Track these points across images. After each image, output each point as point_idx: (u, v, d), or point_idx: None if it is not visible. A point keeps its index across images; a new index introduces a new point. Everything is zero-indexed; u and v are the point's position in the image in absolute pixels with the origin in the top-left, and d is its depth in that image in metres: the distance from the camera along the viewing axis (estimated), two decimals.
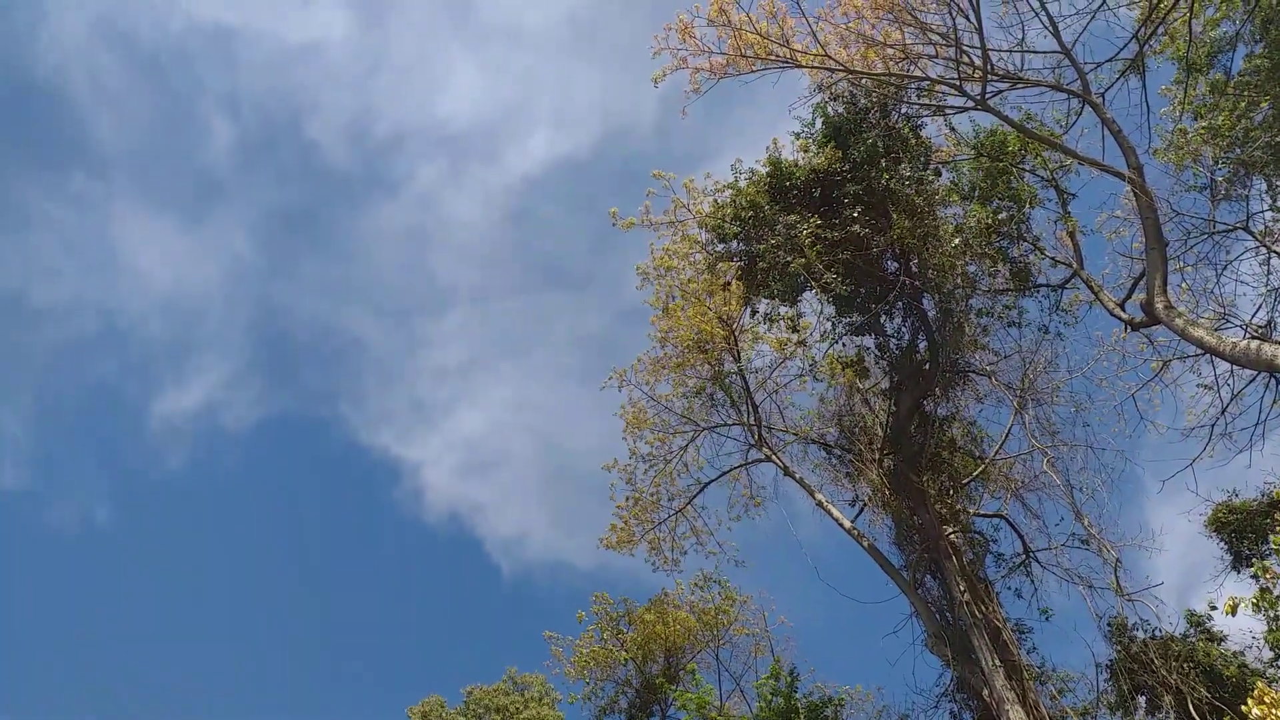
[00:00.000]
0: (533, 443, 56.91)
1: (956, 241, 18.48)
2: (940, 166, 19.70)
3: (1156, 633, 18.27)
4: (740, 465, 20.17)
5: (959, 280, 18.61)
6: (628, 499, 19.46)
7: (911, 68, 16.81)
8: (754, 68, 15.22)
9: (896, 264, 19.06)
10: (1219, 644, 18.27)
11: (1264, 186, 18.07)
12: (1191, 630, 18.61)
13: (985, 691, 16.62)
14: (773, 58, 15.37)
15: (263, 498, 56.09)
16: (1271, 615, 16.74)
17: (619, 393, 19.56)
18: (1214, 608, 18.42)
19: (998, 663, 16.88)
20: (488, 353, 62.73)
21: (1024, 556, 19.68)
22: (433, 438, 58.71)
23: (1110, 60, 16.53)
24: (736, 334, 18.85)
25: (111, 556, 51.70)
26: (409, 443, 58.96)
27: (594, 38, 63.13)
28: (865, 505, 19.96)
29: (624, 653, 21.39)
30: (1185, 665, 17.58)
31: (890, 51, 16.35)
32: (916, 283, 18.65)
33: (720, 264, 18.25)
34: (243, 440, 56.67)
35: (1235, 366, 17.76)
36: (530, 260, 64.60)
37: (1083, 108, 17.20)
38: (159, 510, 54.44)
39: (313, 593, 53.21)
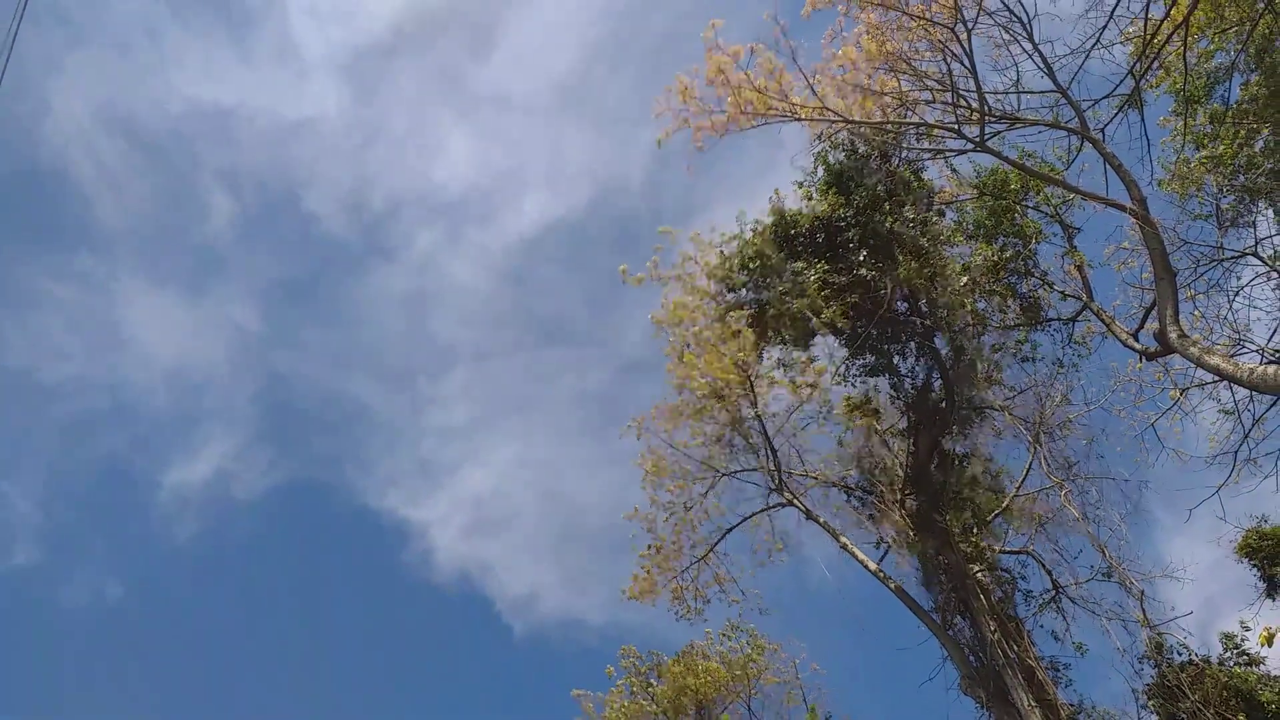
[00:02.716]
0: (539, 500, 57.17)
1: (964, 280, 18.64)
2: (944, 207, 19.92)
3: (1191, 659, 18.01)
4: (762, 510, 20.16)
5: (969, 318, 18.73)
6: (650, 547, 19.48)
7: (909, 114, 17.11)
8: (754, 123, 15.58)
9: (906, 304, 19.20)
10: (1256, 668, 17.95)
11: (1270, 213, 18.12)
12: (1229, 655, 18.32)
13: None
14: (772, 112, 15.73)
15: (273, 565, 56.48)
16: None
17: (637, 441, 19.70)
18: (1247, 629, 18.17)
19: (1033, 702, 16.67)
20: (491, 412, 63.38)
21: (1053, 592, 19.49)
22: (440, 498, 59.06)
23: (1107, 96, 16.73)
24: (752, 380, 18.99)
25: (123, 631, 52.11)
26: (417, 504, 59.32)
27: (581, 102, 64.82)
28: (890, 547, 19.87)
29: (655, 707, 21.22)
30: (1224, 692, 17.29)
31: (887, 99, 16.68)
32: (927, 322, 18.78)
33: (731, 313, 18.47)
34: (251, 509, 57.27)
35: (1254, 392, 17.69)
36: (529, 319, 65.52)
37: (1082, 144, 17.41)
38: (170, 583, 54.96)
39: (326, 658, 53.16)
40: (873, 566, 18.89)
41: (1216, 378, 17.53)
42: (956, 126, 16.45)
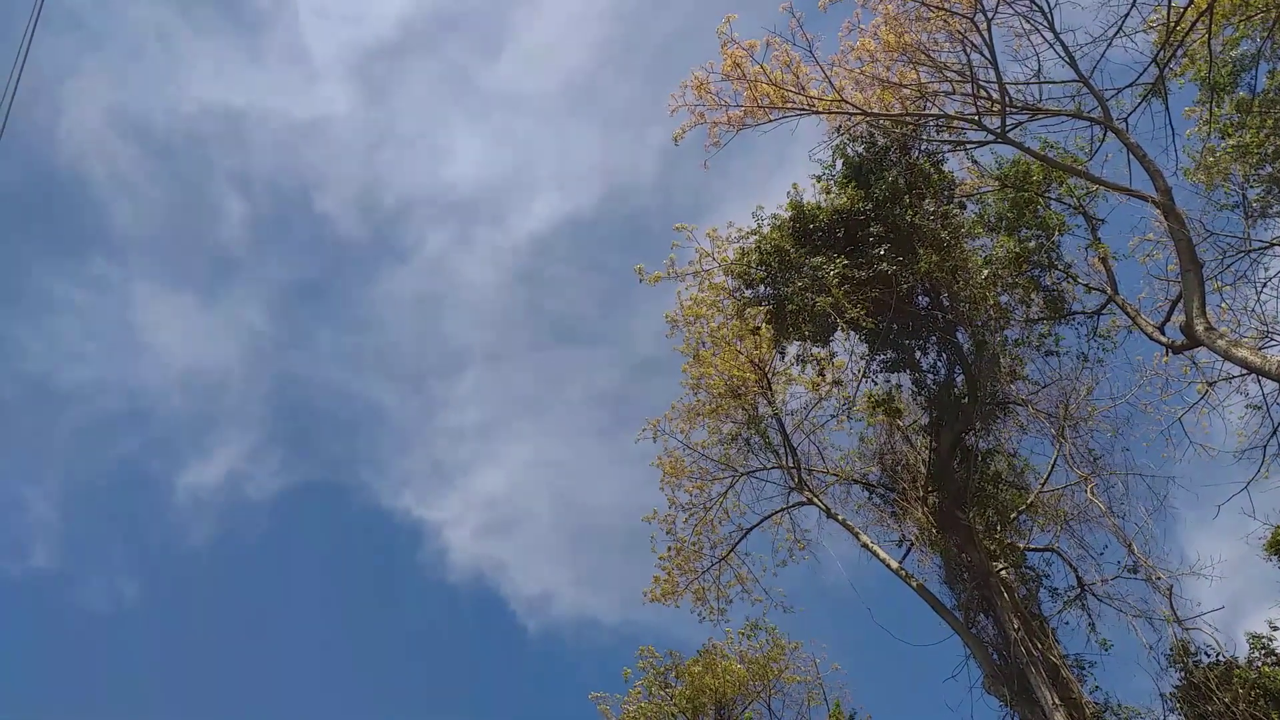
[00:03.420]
0: (553, 500, 57.15)
1: (986, 273, 18.38)
2: (965, 199, 19.65)
3: (1219, 659, 17.70)
4: (782, 509, 19.99)
5: (991, 312, 18.48)
6: (670, 549, 19.34)
7: (929, 105, 16.88)
8: (771, 117, 15.39)
9: (927, 299, 18.97)
10: None
11: None
12: (1257, 655, 18.00)
13: None
14: (789, 105, 15.54)
15: (287, 566, 56.63)
16: None
17: (653, 443, 19.56)
18: (1275, 628, 17.87)
19: (1058, 701, 16.46)
20: (504, 412, 63.37)
21: (1078, 589, 19.22)
22: (453, 499, 59.07)
23: (1130, 85, 16.44)
24: (770, 377, 18.81)
25: (141, 633, 52.35)
26: (430, 505, 59.37)
27: (591, 101, 64.79)
28: (912, 545, 19.67)
29: (673, 707, 21.08)
30: (1253, 692, 16.99)
31: (906, 91, 16.45)
32: (949, 316, 18.54)
33: (749, 309, 18.29)
34: (266, 510, 57.39)
35: None
36: (541, 319, 65.41)
37: (1105, 134, 17.11)
38: (186, 584, 55.13)
39: (340, 658, 53.20)
40: (894, 565, 18.69)
41: (1244, 371, 17.24)
42: (977, 118, 16.20)
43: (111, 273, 58.19)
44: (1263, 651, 17.81)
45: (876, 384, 19.47)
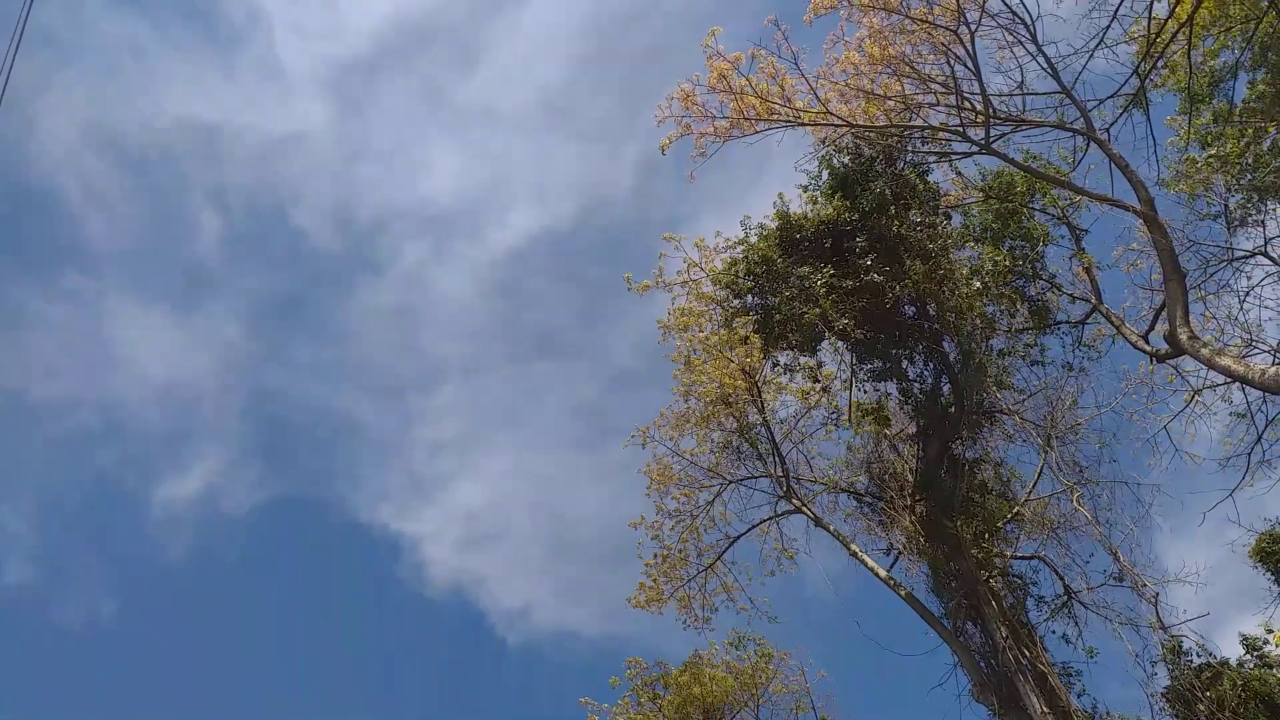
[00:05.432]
0: (532, 513, 56.97)
1: (974, 284, 18.51)
2: (950, 210, 19.80)
3: (1209, 662, 17.78)
4: (770, 518, 20.02)
5: (978, 322, 18.60)
6: (656, 556, 19.35)
7: (914, 117, 17.02)
8: (757, 128, 15.50)
9: (914, 309, 19.09)
10: (1276, 670, 17.70)
11: None
12: (1248, 656, 18.09)
13: None
14: (775, 117, 15.65)
15: (265, 581, 56.09)
16: None
17: (643, 450, 19.58)
18: (1270, 631, 17.97)
19: (1046, 709, 16.50)
20: (483, 425, 63.17)
21: (1065, 597, 19.30)
22: (432, 512, 58.77)
23: (1112, 96, 16.62)
24: (759, 386, 18.89)
25: (117, 649, 51.73)
26: (409, 518, 58.99)
27: (566, 115, 64.90)
28: (900, 553, 19.71)
29: (661, 717, 21.07)
30: (1242, 694, 17.06)
31: (891, 103, 16.59)
32: (935, 326, 18.66)
33: (737, 319, 18.37)
34: (243, 525, 56.83)
35: (1266, 393, 17.52)
36: (519, 332, 65.30)
37: (1088, 145, 17.29)
38: (162, 600, 54.41)
39: (319, 673, 52.58)
40: (883, 574, 18.73)
41: (1228, 379, 17.38)
42: (961, 129, 16.35)
43: (86, 287, 57.87)
44: (1254, 654, 17.90)
45: (865, 393, 19.57)
